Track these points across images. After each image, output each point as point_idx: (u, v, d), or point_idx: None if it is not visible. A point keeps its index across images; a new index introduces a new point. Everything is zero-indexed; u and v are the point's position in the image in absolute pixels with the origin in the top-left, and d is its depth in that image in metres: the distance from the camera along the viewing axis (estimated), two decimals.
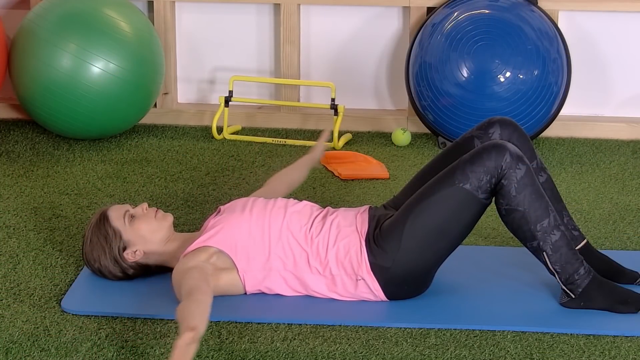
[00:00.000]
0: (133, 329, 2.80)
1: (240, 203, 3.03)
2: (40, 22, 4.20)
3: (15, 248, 3.31)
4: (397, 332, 2.79)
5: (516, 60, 4.18)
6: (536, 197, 2.84)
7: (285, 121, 4.65)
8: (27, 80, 4.22)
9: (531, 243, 2.86)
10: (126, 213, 3.00)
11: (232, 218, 2.96)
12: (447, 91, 4.25)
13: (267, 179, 3.97)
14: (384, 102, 4.74)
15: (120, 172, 4.04)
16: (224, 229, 2.94)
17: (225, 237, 2.92)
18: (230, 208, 3.02)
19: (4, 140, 4.41)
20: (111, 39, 4.16)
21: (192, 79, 4.80)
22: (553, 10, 4.44)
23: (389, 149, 4.37)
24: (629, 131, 4.50)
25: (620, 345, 2.73)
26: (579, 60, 4.54)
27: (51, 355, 2.67)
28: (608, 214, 3.65)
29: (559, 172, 4.08)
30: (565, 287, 2.88)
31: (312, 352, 2.69)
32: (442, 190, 2.85)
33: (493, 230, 3.47)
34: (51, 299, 2.97)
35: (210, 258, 2.91)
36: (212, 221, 2.99)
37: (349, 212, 3.00)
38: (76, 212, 3.62)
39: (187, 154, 4.27)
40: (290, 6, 4.56)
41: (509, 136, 3.03)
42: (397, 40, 4.65)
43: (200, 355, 2.67)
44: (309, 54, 4.69)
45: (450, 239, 2.88)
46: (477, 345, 2.73)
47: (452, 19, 4.29)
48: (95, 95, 4.16)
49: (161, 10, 4.62)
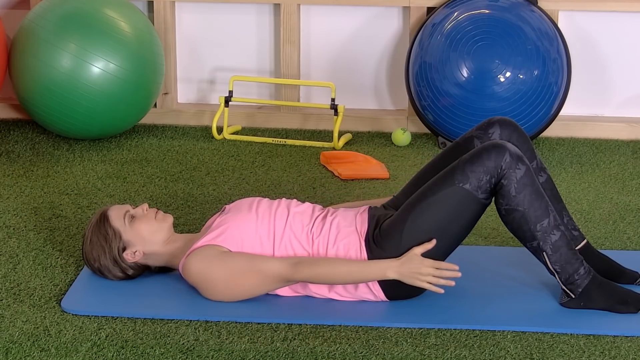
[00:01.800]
0: (133, 329, 2.80)
1: (246, 203, 3.03)
2: (40, 22, 4.20)
3: (15, 248, 3.31)
4: (397, 332, 2.79)
5: (516, 60, 4.18)
6: (536, 197, 2.84)
7: (285, 121, 4.65)
8: (27, 80, 4.22)
9: (531, 243, 2.86)
10: (126, 213, 3.00)
11: (239, 218, 2.96)
12: (447, 91, 4.25)
13: (266, 179, 3.98)
14: (384, 102, 4.74)
15: (120, 172, 4.04)
16: (230, 228, 2.94)
17: (233, 237, 2.92)
18: (236, 207, 3.02)
19: (4, 140, 4.41)
20: (111, 39, 4.16)
21: (192, 79, 4.80)
22: (553, 10, 4.44)
23: (389, 149, 4.37)
24: (629, 131, 4.50)
25: (620, 345, 2.73)
26: (579, 60, 4.54)
27: (51, 355, 2.67)
28: (608, 214, 3.65)
29: (559, 172, 4.08)
30: (565, 287, 2.88)
31: (312, 352, 2.69)
32: (442, 190, 2.85)
33: (493, 230, 3.47)
34: (51, 299, 2.97)
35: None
36: (218, 220, 2.99)
37: (348, 212, 3.00)
38: (76, 212, 3.62)
39: (187, 154, 4.27)
40: (290, 6, 4.56)
41: (509, 136, 3.03)
42: (397, 40, 4.65)
43: (200, 355, 2.67)
44: (309, 54, 4.69)
45: (450, 238, 2.88)
46: (477, 345, 2.73)
47: (452, 19, 4.29)
48: (95, 95, 4.16)
49: (161, 10, 4.62)
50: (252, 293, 2.89)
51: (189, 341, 2.73)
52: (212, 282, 2.88)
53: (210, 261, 2.87)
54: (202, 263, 2.87)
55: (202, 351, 2.69)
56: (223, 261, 2.86)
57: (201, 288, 2.91)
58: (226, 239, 2.92)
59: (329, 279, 2.85)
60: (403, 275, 2.83)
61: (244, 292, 2.89)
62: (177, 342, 2.73)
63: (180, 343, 2.72)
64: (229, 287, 2.87)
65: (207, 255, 2.88)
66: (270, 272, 2.86)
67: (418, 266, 2.82)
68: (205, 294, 2.91)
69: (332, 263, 2.84)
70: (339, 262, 2.85)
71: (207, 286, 2.89)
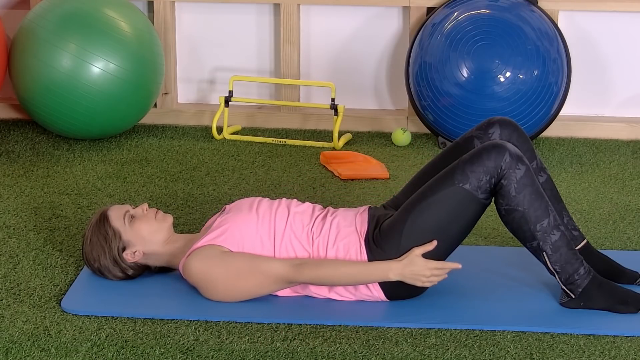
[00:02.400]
0: (133, 329, 2.80)
1: (247, 203, 3.03)
2: (40, 22, 4.20)
3: (15, 248, 3.31)
4: (397, 332, 2.79)
5: (516, 60, 4.18)
6: (536, 197, 2.84)
7: (285, 121, 4.65)
8: (27, 80, 4.22)
9: (531, 243, 2.86)
10: (126, 213, 3.00)
11: (239, 218, 2.96)
12: (447, 91, 4.25)
13: (266, 179, 3.98)
14: (384, 102, 4.74)
15: (120, 172, 4.04)
16: (231, 228, 2.94)
17: (233, 237, 2.92)
18: (236, 207, 3.02)
19: (4, 140, 4.41)
20: (111, 39, 4.16)
21: (192, 79, 4.80)
22: (553, 10, 4.44)
23: (389, 149, 4.37)
24: (629, 131, 4.50)
25: (620, 345, 2.73)
26: (579, 60, 4.54)
27: (51, 355, 2.67)
28: (608, 214, 3.65)
29: (559, 172, 4.08)
30: (565, 287, 2.88)
31: (312, 352, 2.69)
32: (442, 190, 2.85)
33: (493, 230, 3.47)
34: (51, 299, 2.97)
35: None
36: (219, 220, 2.99)
37: (348, 212, 3.00)
38: (76, 212, 3.62)
39: (187, 154, 4.27)
40: (290, 6, 4.56)
41: (509, 136, 3.03)
42: (397, 40, 4.65)
43: (200, 355, 2.67)
44: (309, 54, 4.69)
45: (450, 238, 2.88)
46: (477, 345, 2.73)
47: (452, 19, 4.29)
48: (95, 95, 4.16)
49: (161, 10, 4.62)
50: (254, 293, 2.89)
51: (189, 341, 2.73)
52: (212, 282, 2.88)
53: (210, 261, 2.87)
54: (203, 263, 2.87)
55: (202, 351, 2.69)
56: (224, 261, 2.86)
57: (202, 288, 2.91)
58: (227, 239, 2.92)
59: (331, 280, 2.85)
60: (405, 277, 2.84)
61: (245, 293, 2.89)
62: (177, 342, 2.73)
63: (180, 343, 2.72)
64: (230, 287, 2.87)
65: (208, 255, 2.88)
66: (272, 273, 2.86)
67: (421, 268, 2.83)
68: (206, 294, 2.91)
69: (334, 265, 2.84)
70: (341, 264, 2.85)
71: (207, 286, 2.89)
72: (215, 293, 2.89)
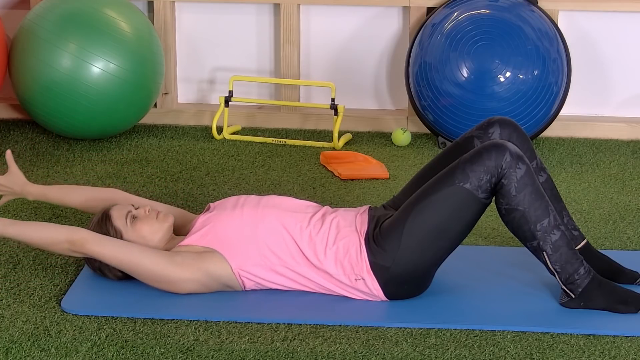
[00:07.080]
0: (133, 329, 2.80)
1: (232, 201, 3.03)
2: (40, 22, 4.20)
3: (15, 248, 3.31)
4: (397, 332, 2.79)
5: (516, 60, 4.18)
6: (536, 197, 2.84)
7: (285, 121, 4.65)
8: (27, 80, 4.22)
9: (531, 243, 2.86)
10: (128, 214, 3.00)
11: (223, 216, 2.96)
12: (447, 91, 4.25)
13: (266, 179, 3.98)
14: (384, 102, 4.74)
15: (120, 172, 4.04)
16: (215, 228, 2.94)
17: (217, 236, 2.93)
18: (220, 206, 3.02)
19: (4, 140, 4.41)
20: (111, 39, 4.17)
21: (192, 79, 4.80)
22: (553, 10, 4.44)
23: (389, 149, 4.37)
24: (629, 131, 4.50)
25: (620, 345, 2.73)
26: (579, 60, 4.54)
27: (51, 355, 2.67)
28: (608, 214, 3.65)
29: (559, 172, 4.08)
30: (565, 287, 2.88)
31: (312, 352, 2.69)
32: (442, 189, 2.85)
33: (493, 230, 3.47)
34: (51, 299, 2.97)
35: (201, 256, 2.91)
36: (202, 219, 2.99)
37: (348, 212, 3.00)
38: (76, 212, 3.61)
39: (187, 154, 4.27)
40: (290, 6, 4.56)
41: (509, 136, 3.04)
42: (397, 40, 4.65)
43: (200, 355, 2.67)
44: (309, 54, 4.69)
45: (450, 238, 2.88)
46: (477, 345, 2.73)
47: (452, 19, 4.29)
48: (95, 95, 4.16)
49: (161, 10, 4.62)
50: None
51: (189, 341, 2.73)
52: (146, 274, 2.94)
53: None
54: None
55: (202, 351, 2.69)
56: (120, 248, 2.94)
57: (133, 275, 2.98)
58: (211, 240, 2.93)
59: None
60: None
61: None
62: (177, 342, 2.73)
63: (180, 343, 2.72)
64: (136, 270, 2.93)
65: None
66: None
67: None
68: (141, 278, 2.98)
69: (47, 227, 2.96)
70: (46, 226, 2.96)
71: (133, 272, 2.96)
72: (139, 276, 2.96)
